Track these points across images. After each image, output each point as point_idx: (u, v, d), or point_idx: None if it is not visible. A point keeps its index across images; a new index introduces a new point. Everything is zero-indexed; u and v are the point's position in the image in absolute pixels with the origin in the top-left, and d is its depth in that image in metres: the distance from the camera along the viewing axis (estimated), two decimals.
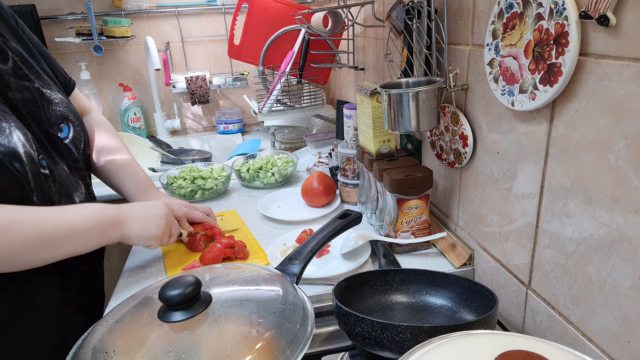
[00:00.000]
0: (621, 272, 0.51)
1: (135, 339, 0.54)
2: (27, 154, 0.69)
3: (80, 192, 0.83)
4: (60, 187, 0.77)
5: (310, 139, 1.58)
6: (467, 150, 0.80)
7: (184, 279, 0.56)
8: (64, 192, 0.78)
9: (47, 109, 0.79)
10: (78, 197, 0.82)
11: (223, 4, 1.96)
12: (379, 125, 0.95)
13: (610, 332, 0.54)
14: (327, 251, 0.94)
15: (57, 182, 0.77)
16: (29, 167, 0.69)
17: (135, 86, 2.01)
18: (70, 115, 0.84)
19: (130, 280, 0.89)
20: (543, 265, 0.65)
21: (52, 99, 0.81)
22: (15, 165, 0.67)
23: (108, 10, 1.87)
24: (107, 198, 1.44)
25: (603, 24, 0.48)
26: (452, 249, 0.89)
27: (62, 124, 0.82)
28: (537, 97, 0.59)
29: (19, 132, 0.69)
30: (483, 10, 0.72)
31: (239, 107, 2.11)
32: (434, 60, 0.83)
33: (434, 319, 0.69)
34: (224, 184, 1.30)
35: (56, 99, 0.82)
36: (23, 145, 0.68)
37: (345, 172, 1.15)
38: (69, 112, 0.84)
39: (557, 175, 0.60)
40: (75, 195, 0.81)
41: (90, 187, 0.92)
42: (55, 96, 0.82)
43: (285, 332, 0.53)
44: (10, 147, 0.66)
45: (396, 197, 0.87)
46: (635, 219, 0.48)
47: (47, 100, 0.80)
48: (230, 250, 0.92)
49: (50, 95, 0.81)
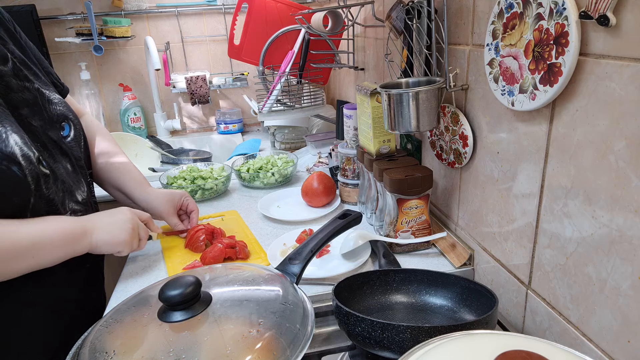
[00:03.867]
0: (621, 272, 0.51)
1: (135, 339, 0.54)
2: (24, 156, 0.69)
3: (82, 190, 0.85)
4: (62, 185, 0.78)
5: (310, 139, 1.58)
6: (467, 150, 0.80)
7: (184, 279, 0.56)
8: (66, 190, 0.80)
9: (48, 108, 0.81)
10: (80, 195, 0.83)
11: (223, 4, 1.96)
12: (379, 125, 0.94)
13: (610, 332, 0.54)
14: (327, 251, 0.94)
15: (60, 180, 0.78)
16: (28, 169, 0.69)
17: (135, 86, 2.01)
18: (70, 114, 0.86)
19: (130, 280, 0.89)
20: (543, 265, 0.65)
21: (52, 99, 0.82)
22: (13, 169, 0.67)
23: (108, 10, 1.87)
24: (108, 198, 1.45)
25: (603, 24, 0.48)
26: (452, 249, 0.89)
27: (63, 123, 0.84)
28: (537, 97, 0.59)
29: (15, 136, 0.69)
30: (483, 10, 0.72)
31: (239, 107, 2.11)
32: (434, 60, 0.83)
33: (434, 319, 0.69)
34: (224, 184, 1.30)
35: (55, 98, 0.83)
36: (20, 148, 0.69)
37: (345, 172, 1.15)
38: (68, 112, 0.85)
39: (557, 175, 0.60)
40: (78, 193, 0.83)
41: (92, 186, 0.94)
42: (54, 96, 0.84)
43: (285, 332, 0.53)
44: (7, 152, 0.67)
45: (396, 197, 0.87)
46: (635, 219, 0.48)
47: (48, 100, 0.81)
48: (231, 250, 0.92)
49: (50, 95, 0.82)
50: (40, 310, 0.78)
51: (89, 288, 0.92)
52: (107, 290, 1.00)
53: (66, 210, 0.79)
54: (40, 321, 0.78)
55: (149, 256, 0.98)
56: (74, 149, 0.85)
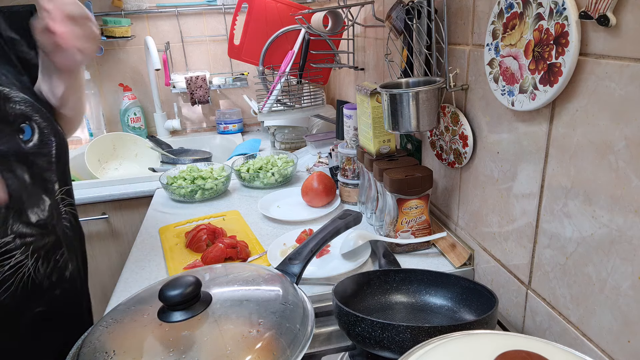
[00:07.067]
0: (621, 272, 0.51)
1: (135, 339, 0.54)
2: None
3: (40, 207, 0.66)
4: (7, 202, 0.61)
5: (310, 139, 1.58)
6: (467, 150, 0.80)
7: (184, 279, 0.56)
8: (13, 209, 0.62)
9: (3, 106, 0.66)
10: (36, 214, 0.64)
11: (223, 4, 1.96)
12: (379, 125, 0.95)
13: (610, 332, 0.54)
14: (327, 251, 0.94)
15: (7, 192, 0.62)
16: None
17: (135, 86, 2.01)
18: (35, 115, 0.70)
19: (130, 280, 0.89)
20: (543, 265, 0.65)
21: (11, 97, 0.68)
22: None
23: (108, 10, 1.87)
24: (110, 198, 1.45)
25: (603, 24, 0.48)
26: (452, 249, 0.89)
27: (22, 124, 0.68)
28: (537, 97, 0.59)
29: None
30: (483, 10, 0.72)
31: (239, 107, 2.11)
32: (434, 60, 0.83)
33: (434, 319, 0.69)
34: (224, 184, 1.30)
35: (16, 97, 0.69)
36: None
37: (345, 172, 1.15)
38: (32, 112, 0.70)
39: (557, 175, 0.60)
40: (32, 212, 0.64)
41: (67, 202, 0.75)
42: (16, 94, 0.69)
43: (285, 332, 0.53)
44: None
45: (396, 197, 0.87)
46: (635, 219, 0.48)
47: (3, 97, 0.67)
48: (232, 250, 0.92)
49: (10, 93, 0.68)
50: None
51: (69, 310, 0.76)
52: (108, 290, 1.00)
53: (7, 233, 0.61)
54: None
55: (149, 256, 0.98)
56: (38, 157, 0.69)
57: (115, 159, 1.81)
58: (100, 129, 1.99)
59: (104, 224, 1.48)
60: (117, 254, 1.52)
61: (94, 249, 1.49)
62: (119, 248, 1.52)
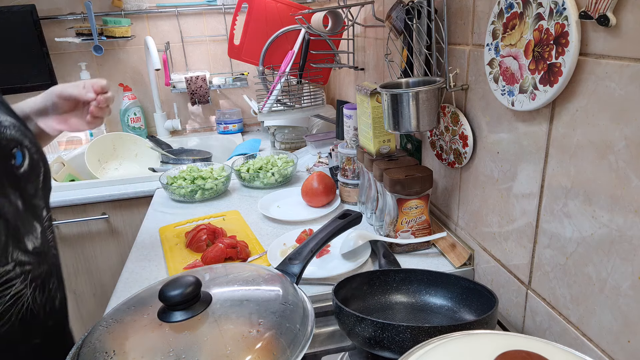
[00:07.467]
0: (621, 272, 0.51)
1: (135, 339, 0.54)
2: None
3: (34, 234, 0.64)
4: (6, 227, 0.59)
5: (310, 139, 1.58)
6: (467, 150, 0.80)
7: (184, 279, 0.56)
8: (11, 235, 0.60)
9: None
10: (31, 242, 0.62)
11: (223, 4, 1.96)
12: (379, 125, 0.95)
13: (610, 332, 0.54)
14: (327, 251, 0.94)
15: (3, 219, 0.60)
16: None
17: (135, 86, 2.01)
18: (25, 140, 0.68)
19: (130, 280, 0.89)
20: (543, 265, 0.65)
21: (1, 121, 0.65)
22: None
23: (108, 10, 1.87)
24: (110, 198, 1.45)
25: (603, 24, 0.48)
26: (452, 249, 0.89)
27: (14, 149, 0.65)
28: (537, 97, 0.59)
29: None
30: (483, 10, 0.72)
31: (239, 107, 2.11)
32: (434, 60, 0.83)
33: (434, 319, 0.69)
34: (224, 184, 1.30)
35: (5, 121, 0.66)
36: None
37: (345, 172, 1.15)
38: (22, 137, 0.68)
39: (557, 175, 0.60)
40: (28, 240, 0.62)
41: (51, 229, 0.71)
42: (5, 119, 0.66)
43: (285, 332, 0.53)
44: None
45: (396, 197, 0.87)
46: (635, 219, 0.48)
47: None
48: (232, 250, 0.92)
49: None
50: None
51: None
52: (108, 290, 1.00)
53: (8, 260, 0.59)
54: None
55: (149, 256, 0.98)
56: (28, 184, 0.66)
57: (115, 159, 1.81)
58: (100, 129, 1.99)
59: (104, 223, 1.48)
60: (117, 254, 1.52)
61: (94, 249, 1.49)
62: (119, 248, 1.52)
